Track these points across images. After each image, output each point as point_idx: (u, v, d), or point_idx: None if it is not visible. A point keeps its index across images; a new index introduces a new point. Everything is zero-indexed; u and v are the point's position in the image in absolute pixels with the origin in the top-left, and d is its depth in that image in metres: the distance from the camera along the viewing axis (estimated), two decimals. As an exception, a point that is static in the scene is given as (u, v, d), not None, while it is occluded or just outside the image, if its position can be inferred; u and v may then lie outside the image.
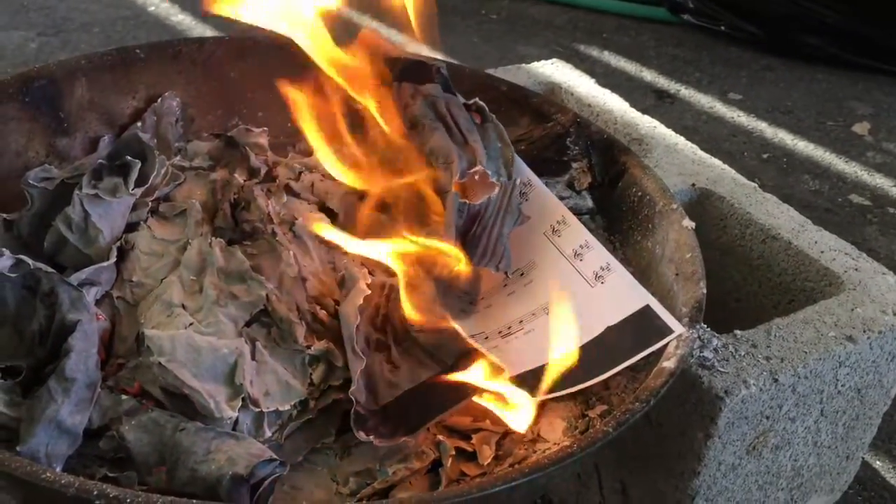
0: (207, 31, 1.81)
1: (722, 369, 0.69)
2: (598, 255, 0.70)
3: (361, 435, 0.58)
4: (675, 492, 0.74)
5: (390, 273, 0.69)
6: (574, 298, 0.68)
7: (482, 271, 0.72)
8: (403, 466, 0.58)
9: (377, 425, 0.59)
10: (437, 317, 0.65)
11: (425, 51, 0.79)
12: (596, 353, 0.64)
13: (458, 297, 0.73)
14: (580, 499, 0.84)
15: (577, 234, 0.72)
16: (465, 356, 0.63)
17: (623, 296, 0.66)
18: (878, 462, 0.98)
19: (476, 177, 0.69)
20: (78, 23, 1.82)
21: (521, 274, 0.74)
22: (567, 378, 0.63)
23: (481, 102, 0.75)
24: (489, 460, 0.59)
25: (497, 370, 0.61)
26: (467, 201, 0.67)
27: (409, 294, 0.65)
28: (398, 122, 0.73)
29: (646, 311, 0.64)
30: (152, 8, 1.90)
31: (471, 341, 0.64)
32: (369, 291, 0.63)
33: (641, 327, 0.63)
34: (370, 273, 0.69)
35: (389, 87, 0.74)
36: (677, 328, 0.61)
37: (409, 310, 0.64)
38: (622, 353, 0.62)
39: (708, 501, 0.74)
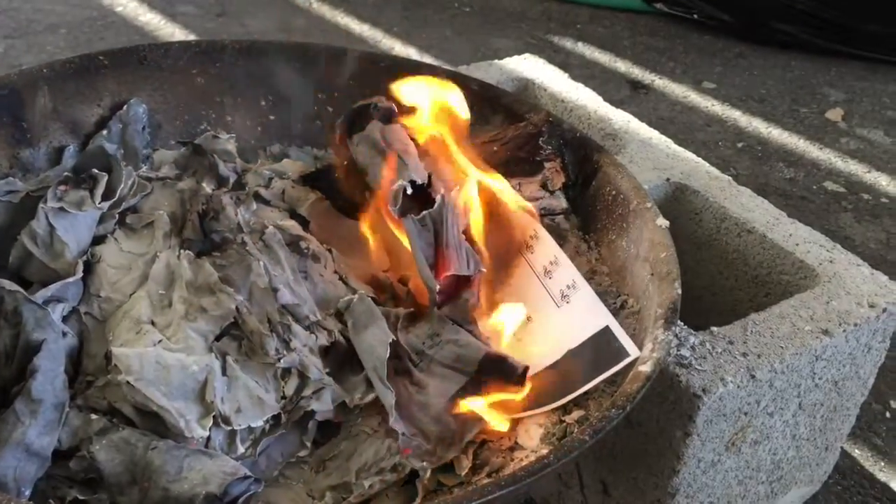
0: (176, 32, 1.79)
1: (699, 367, 0.69)
2: (566, 271, 0.71)
3: (413, 463, 0.58)
4: (656, 490, 0.74)
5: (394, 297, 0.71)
6: (541, 321, 0.69)
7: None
8: (379, 479, 0.57)
9: (425, 451, 0.59)
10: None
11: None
12: (557, 376, 0.64)
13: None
14: (562, 498, 0.84)
15: (548, 249, 0.73)
16: (489, 362, 0.64)
17: (585, 316, 0.67)
18: (856, 451, 0.99)
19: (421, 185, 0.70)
20: (44, 24, 1.79)
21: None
22: (528, 402, 0.64)
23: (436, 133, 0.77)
24: (466, 471, 0.59)
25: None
26: (427, 211, 0.67)
27: None
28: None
29: (605, 333, 0.65)
30: (119, 8, 1.88)
31: (486, 345, 0.65)
32: (393, 337, 0.64)
33: (600, 350, 0.64)
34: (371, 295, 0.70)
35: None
36: (633, 352, 0.62)
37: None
38: (581, 377, 0.63)
39: (688, 498, 0.74)
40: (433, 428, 0.60)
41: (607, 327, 0.64)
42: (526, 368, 0.62)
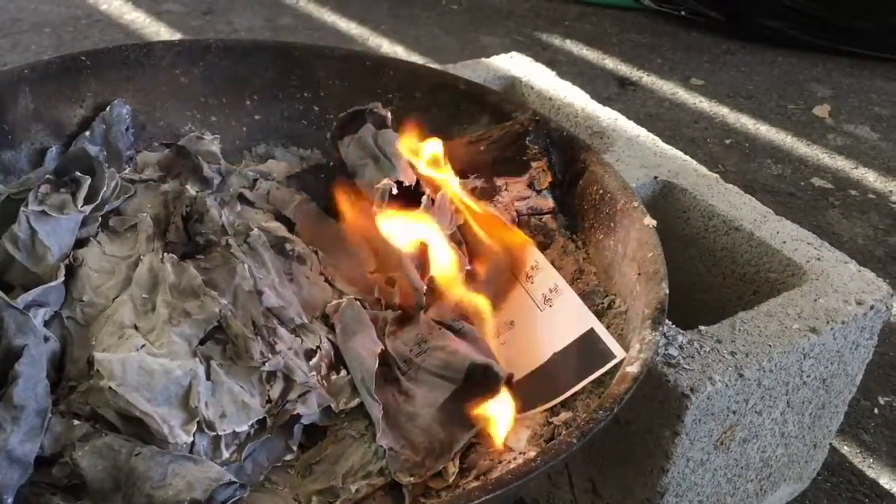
0: (161, 30, 1.78)
1: (687, 366, 0.68)
2: (547, 275, 0.71)
3: (402, 478, 0.57)
4: (645, 489, 0.73)
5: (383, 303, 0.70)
6: (525, 326, 0.69)
7: None
8: (366, 483, 0.57)
9: (413, 463, 0.59)
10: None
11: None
12: (543, 379, 0.64)
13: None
14: (551, 498, 0.84)
15: (528, 255, 0.73)
16: (475, 370, 0.63)
17: (569, 319, 0.67)
18: (845, 447, 0.99)
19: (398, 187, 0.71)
20: (28, 23, 1.77)
21: None
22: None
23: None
24: (454, 475, 0.58)
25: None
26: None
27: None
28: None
29: (590, 335, 0.64)
30: (104, 6, 1.86)
31: (474, 349, 0.65)
32: (382, 346, 0.63)
33: (585, 352, 0.64)
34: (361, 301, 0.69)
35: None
36: (619, 353, 0.61)
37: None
38: (567, 380, 0.63)
39: (678, 497, 0.74)
40: (421, 439, 0.59)
41: (592, 329, 0.64)
42: (511, 376, 0.61)
